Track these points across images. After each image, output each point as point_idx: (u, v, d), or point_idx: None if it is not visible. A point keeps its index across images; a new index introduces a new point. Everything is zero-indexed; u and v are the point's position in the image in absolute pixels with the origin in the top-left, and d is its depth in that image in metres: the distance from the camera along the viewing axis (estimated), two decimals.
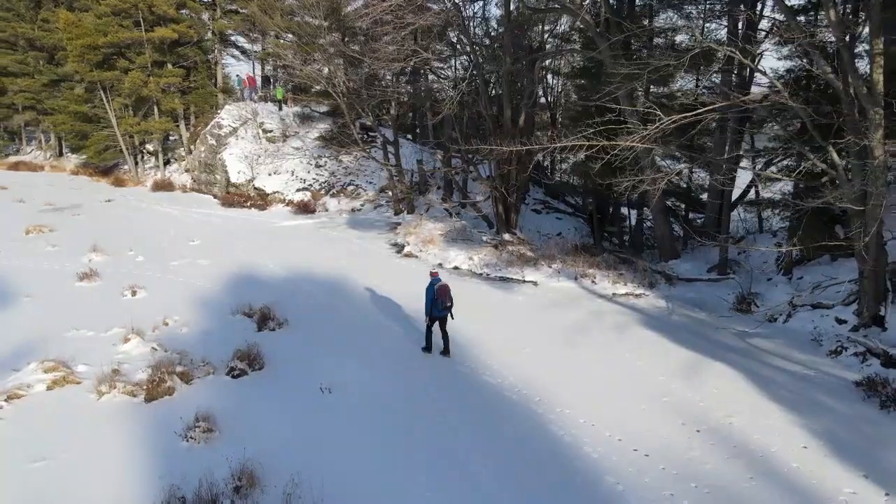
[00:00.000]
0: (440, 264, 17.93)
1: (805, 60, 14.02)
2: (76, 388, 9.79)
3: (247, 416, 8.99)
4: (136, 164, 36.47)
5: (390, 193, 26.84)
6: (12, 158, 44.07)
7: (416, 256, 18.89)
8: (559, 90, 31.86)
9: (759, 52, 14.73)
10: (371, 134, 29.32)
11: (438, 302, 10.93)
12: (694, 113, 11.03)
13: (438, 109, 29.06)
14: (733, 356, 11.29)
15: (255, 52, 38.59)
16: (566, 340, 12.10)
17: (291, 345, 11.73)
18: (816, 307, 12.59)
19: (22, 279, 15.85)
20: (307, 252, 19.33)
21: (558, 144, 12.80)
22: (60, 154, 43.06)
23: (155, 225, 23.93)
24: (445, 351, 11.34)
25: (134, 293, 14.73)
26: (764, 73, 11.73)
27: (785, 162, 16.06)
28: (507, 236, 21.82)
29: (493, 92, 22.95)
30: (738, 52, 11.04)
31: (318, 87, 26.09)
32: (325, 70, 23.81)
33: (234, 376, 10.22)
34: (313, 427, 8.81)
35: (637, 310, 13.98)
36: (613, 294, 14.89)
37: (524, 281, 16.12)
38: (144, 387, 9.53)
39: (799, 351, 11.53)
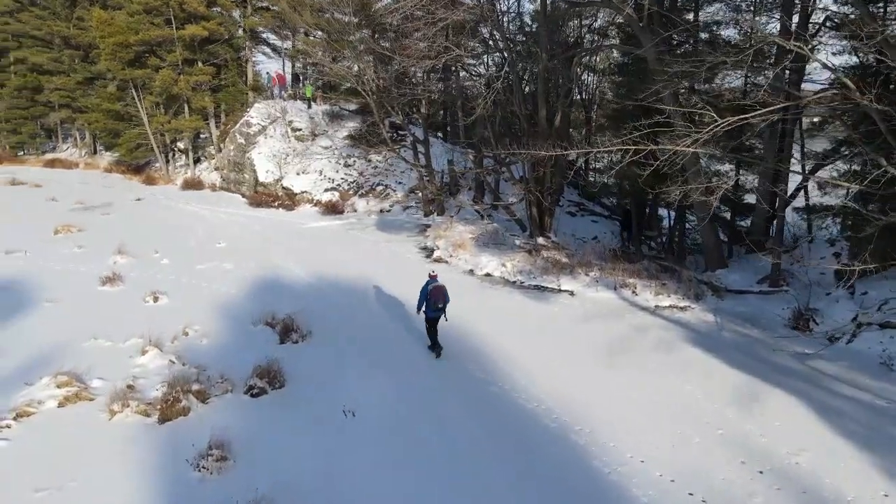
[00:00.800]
0: (471, 270, 17.17)
1: (873, 56, 12.83)
2: (88, 406, 9.30)
3: (264, 443, 8.36)
4: (167, 162, 36.50)
5: (420, 194, 26.15)
6: (49, 156, 44.65)
7: (447, 262, 18.14)
8: (594, 88, 30.80)
9: (815, 45, 13.62)
10: (401, 133, 28.69)
11: (431, 302, 10.97)
12: (756, 113, 10.04)
13: (470, 108, 28.38)
14: (794, 381, 10.28)
15: (286, 49, 38.31)
16: (607, 359, 11.22)
17: (314, 360, 11.10)
18: (885, 327, 11.48)
19: (46, 282, 15.57)
20: (334, 255, 18.75)
21: (603, 150, 11.89)
22: (95, 152, 43.48)
23: (182, 225, 23.66)
24: (438, 351, 11.43)
25: (156, 299, 14.30)
26: (833, 70, 10.64)
27: (846, 166, 14.86)
28: (541, 240, 20.98)
29: (527, 90, 22.06)
30: (805, 48, 10.01)
31: (347, 85, 25.49)
32: (355, 67, 23.20)
33: (252, 395, 9.62)
34: (334, 457, 8.14)
35: (683, 325, 13.01)
36: (656, 307, 13.93)
37: (560, 290, 15.26)
38: (158, 406, 8.99)
39: (868, 377, 10.46)
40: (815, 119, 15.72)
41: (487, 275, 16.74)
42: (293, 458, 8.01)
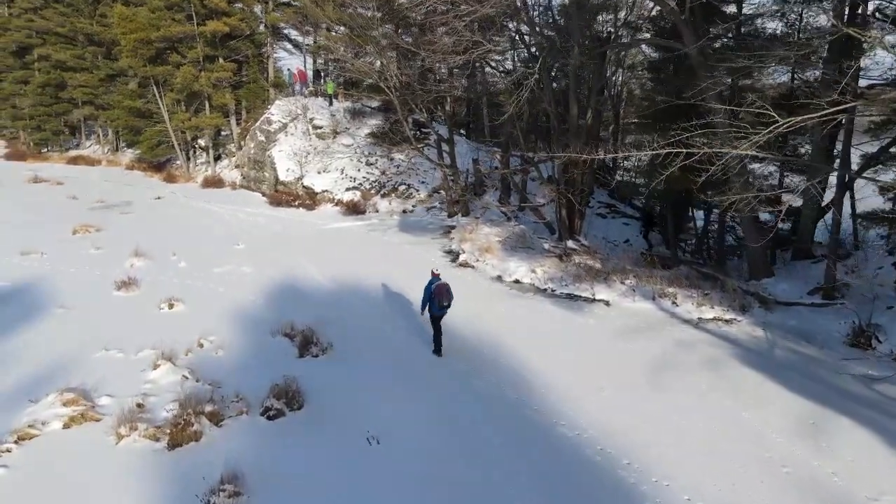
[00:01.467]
0: (499, 276, 16.35)
1: None
2: (95, 427, 8.67)
3: (280, 475, 7.65)
4: (188, 159, 36.16)
5: (444, 194, 25.37)
6: (72, 152, 44.65)
7: (473, 266, 17.33)
8: (621, 85, 29.67)
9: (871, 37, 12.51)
10: (424, 131, 27.92)
11: (436, 300, 10.93)
12: (822, 114, 9.06)
13: (497, 105, 27.52)
14: (863, 409, 9.31)
15: (307, 45, 37.77)
16: (652, 379, 10.34)
17: (335, 376, 10.38)
18: None
19: (60, 287, 15.09)
20: (356, 259, 18.04)
21: (650, 152, 10.91)
22: (117, 149, 43.37)
23: (201, 225, 23.15)
24: (438, 351, 11.36)
25: (171, 306, 13.70)
26: None
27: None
28: (570, 243, 20.09)
29: (555, 87, 21.13)
30: (869, 35, 9.00)
31: (369, 82, 24.73)
32: (378, 63, 22.45)
33: (269, 417, 8.92)
34: (357, 491, 7.39)
35: (730, 340, 12.05)
36: (699, 319, 12.98)
37: (594, 299, 14.37)
38: (168, 430, 8.32)
39: None
40: (877, 118, 14.60)
41: (516, 281, 15.90)
42: (311, 494, 7.28)
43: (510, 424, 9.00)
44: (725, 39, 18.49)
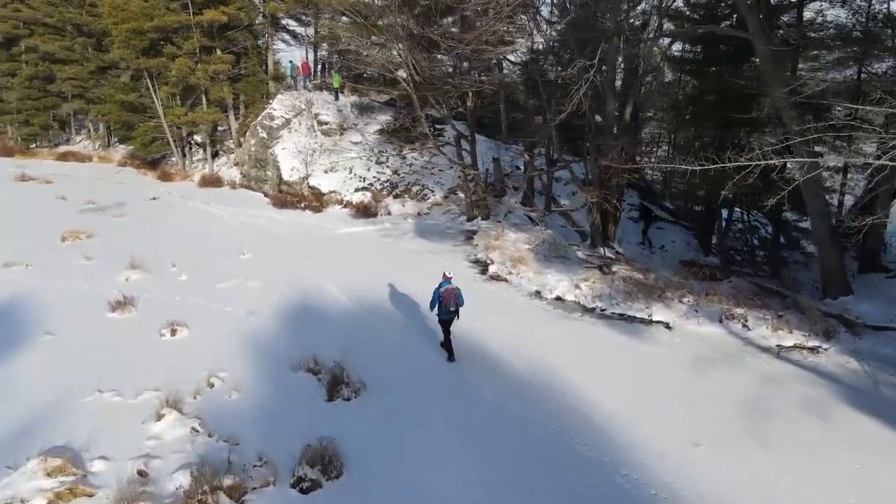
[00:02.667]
0: (537, 292, 14.72)
1: None
2: None
3: None
4: (184, 156, 34.28)
5: (462, 196, 23.69)
6: (62, 148, 42.66)
7: (506, 280, 15.69)
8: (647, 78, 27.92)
9: None
10: (438, 127, 26.21)
11: (443, 305, 10.70)
12: None
13: (513, 102, 25.77)
14: None
15: (308, 36, 35.92)
16: (751, 429, 8.74)
17: (376, 428, 8.73)
18: None
19: (47, 307, 13.38)
20: (373, 270, 16.34)
21: (739, 164, 9.21)
22: (108, 144, 41.42)
23: (202, 230, 21.41)
24: (450, 357, 11.06)
25: (174, 332, 12.00)
26: None
27: None
28: (605, 251, 18.53)
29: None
30: None
31: (384, 75, 22.92)
32: (392, 53, 20.66)
33: (303, 490, 7.27)
34: None
35: (824, 375, 10.47)
36: (779, 347, 11.40)
37: (652, 321, 12.76)
38: None
39: None
40: None
41: (559, 299, 14.27)
42: None
43: (588, 487, 7.37)
44: (785, 30, 16.88)
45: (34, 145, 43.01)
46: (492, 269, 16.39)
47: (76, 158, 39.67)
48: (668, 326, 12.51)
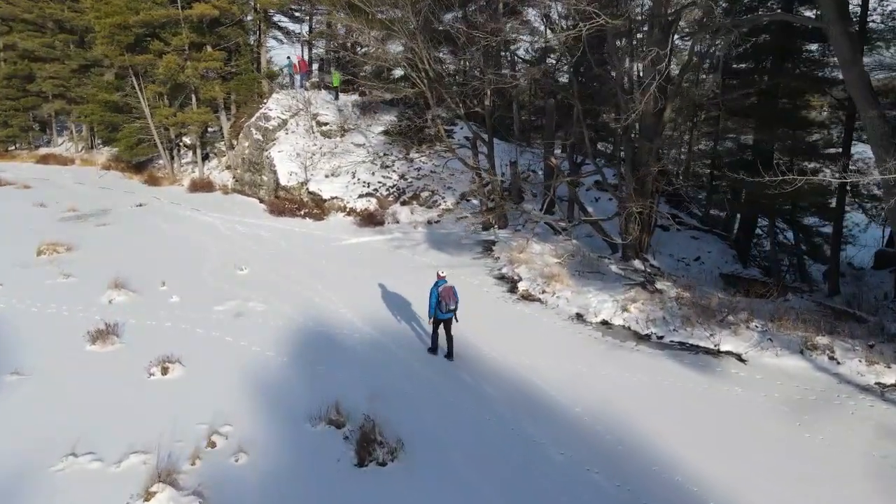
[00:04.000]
0: (579, 315, 13.00)
1: None
2: None
3: None
4: (172, 159, 32.30)
5: (474, 202, 21.99)
6: (42, 150, 40.61)
7: (539, 300, 13.97)
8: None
9: None
10: (447, 128, 24.49)
11: (442, 304, 10.57)
12: None
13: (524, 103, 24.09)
14: None
15: (301, 34, 34.09)
16: None
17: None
18: None
19: (15, 337, 11.52)
20: (389, 289, 14.59)
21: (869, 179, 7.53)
22: (92, 146, 39.42)
23: (194, 241, 19.51)
24: (449, 355, 10.91)
25: (165, 370, 10.15)
26: None
27: None
28: (637, 263, 16.90)
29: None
30: None
31: (386, 71, 21.13)
32: (402, 50, 18.91)
33: None
34: None
35: None
36: (881, 386, 9.73)
37: (719, 352, 11.07)
38: None
39: None
40: None
41: (605, 323, 12.56)
42: None
43: None
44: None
45: (13, 148, 40.99)
46: (521, 286, 14.68)
47: (57, 161, 37.70)
48: (740, 359, 10.82)
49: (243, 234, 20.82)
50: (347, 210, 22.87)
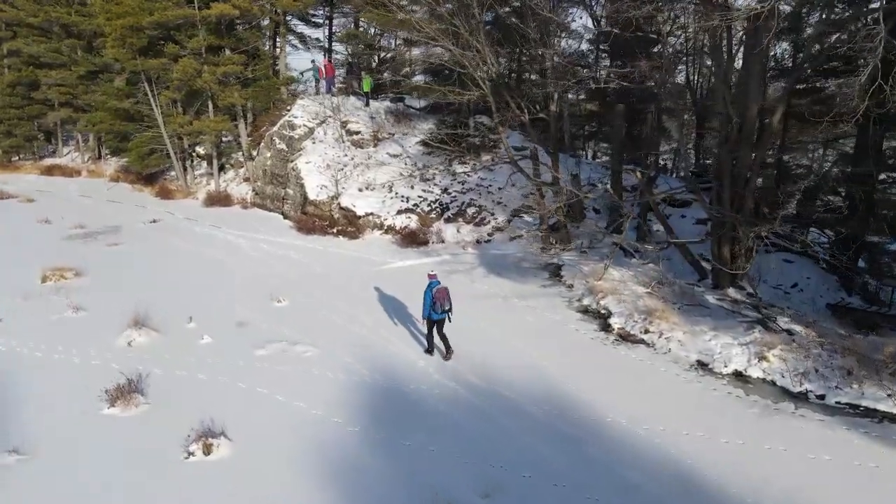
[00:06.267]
0: (701, 364, 10.68)
1: None
2: None
3: None
4: (185, 170, 30.10)
5: (527, 219, 19.75)
6: (47, 161, 38.49)
7: (643, 341, 11.64)
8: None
9: None
10: (492, 137, 22.31)
11: (437, 305, 10.62)
12: None
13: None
14: None
15: (318, 39, 32.03)
16: None
17: None
18: None
19: (17, 393, 9.28)
20: (459, 327, 12.25)
21: None
22: (99, 157, 37.29)
23: (217, 264, 17.29)
24: (447, 354, 10.91)
25: (208, 448, 7.83)
26: None
27: None
28: (733, 292, 14.68)
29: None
30: None
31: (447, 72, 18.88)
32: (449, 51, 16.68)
33: None
34: None
35: None
36: None
37: None
38: None
39: None
40: None
41: (738, 375, 10.23)
42: None
43: None
44: None
45: (16, 158, 38.85)
46: (615, 323, 12.37)
47: (63, 172, 35.61)
48: None
49: (271, 256, 18.56)
50: (385, 228, 20.61)
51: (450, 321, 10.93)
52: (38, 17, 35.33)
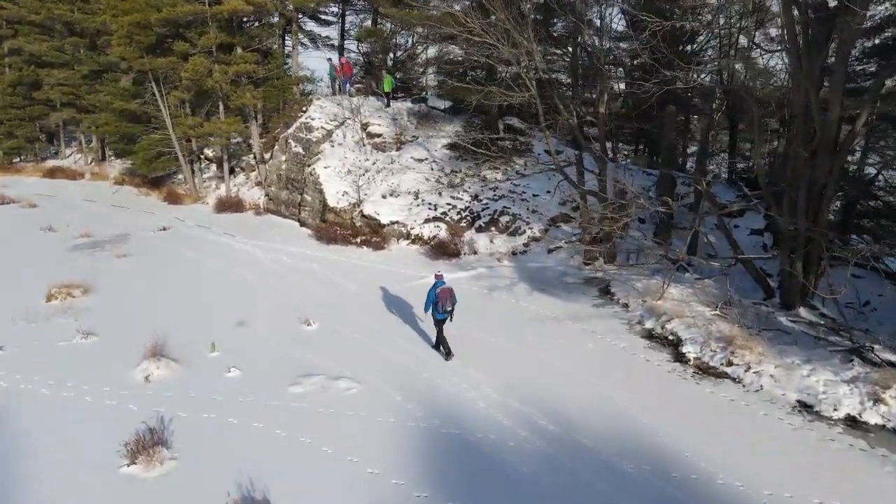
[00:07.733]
0: (803, 404, 9.33)
1: None
2: None
3: None
4: (194, 174, 28.76)
5: (566, 228, 18.41)
6: (50, 163, 37.18)
7: (728, 375, 10.30)
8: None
9: None
10: (521, 139, 20.97)
11: (439, 304, 10.68)
12: None
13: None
14: None
15: (328, 37, 30.67)
16: None
17: None
18: None
19: (20, 444, 7.95)
20: (517, 359, 10.98)
21: None
22: (103, 158, 35.93)
23: (235, 278, 15.97)
24: (447, 354, 10.96)
25: None
26: None
27: None
28: (804, 312, 13.35)
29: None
30: None
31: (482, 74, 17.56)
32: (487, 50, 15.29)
33: None
34: None
35: None
36: None
37: None
38: None
39: None
40: None
41: (853, 421, 8.89)
42: None
43: None
44: None
45: (18, 160, 37.60)
46: (690, 353, 11.02)
47: (66, 175, 34.34)
48: None
49: (293, 269, 17.23)
50: (412, 237, 19.26)
51: (450, 320, 10.97)
52: (39, 14, 34.07)
